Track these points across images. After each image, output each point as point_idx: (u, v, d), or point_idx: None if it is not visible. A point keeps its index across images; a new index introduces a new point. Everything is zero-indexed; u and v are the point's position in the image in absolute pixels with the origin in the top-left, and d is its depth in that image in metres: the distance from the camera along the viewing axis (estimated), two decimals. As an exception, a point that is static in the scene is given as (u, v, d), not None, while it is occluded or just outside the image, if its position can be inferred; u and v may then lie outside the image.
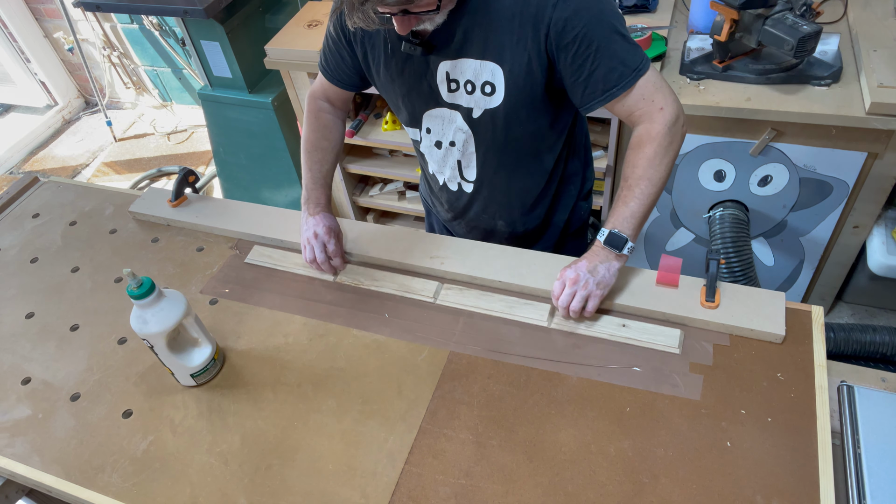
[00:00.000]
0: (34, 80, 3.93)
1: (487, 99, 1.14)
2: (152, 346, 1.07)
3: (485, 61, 1.10)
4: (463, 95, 1.16)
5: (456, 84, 1.15)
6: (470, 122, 1.19)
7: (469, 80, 1.13)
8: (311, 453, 1.01)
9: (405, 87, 1.20)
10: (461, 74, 1.13)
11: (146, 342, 1.07)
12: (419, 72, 1.17)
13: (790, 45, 1.57)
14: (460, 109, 1.19)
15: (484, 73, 1.12)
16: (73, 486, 1.02)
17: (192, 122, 3.84)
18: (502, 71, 1.10)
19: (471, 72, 1.12)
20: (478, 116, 1.18)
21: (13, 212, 1.60)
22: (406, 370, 1.10)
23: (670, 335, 1.08)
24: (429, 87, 1.18)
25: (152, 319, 1.04)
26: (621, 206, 1.11)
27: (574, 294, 1.09)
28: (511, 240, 1.43)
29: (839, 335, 1.48)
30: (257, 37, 2.41)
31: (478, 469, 0.95)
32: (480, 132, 1.20)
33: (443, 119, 1.22)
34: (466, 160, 1.27)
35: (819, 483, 0.88)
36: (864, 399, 0.96)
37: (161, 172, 3.53)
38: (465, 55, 1.11)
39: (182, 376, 1.12)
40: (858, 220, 1.89)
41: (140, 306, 1.04)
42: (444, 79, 1.15)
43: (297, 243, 1.34)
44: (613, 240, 1.10)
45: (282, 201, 2.78)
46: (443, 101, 1.19)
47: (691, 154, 1.90)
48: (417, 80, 1.18)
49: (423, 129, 1.27)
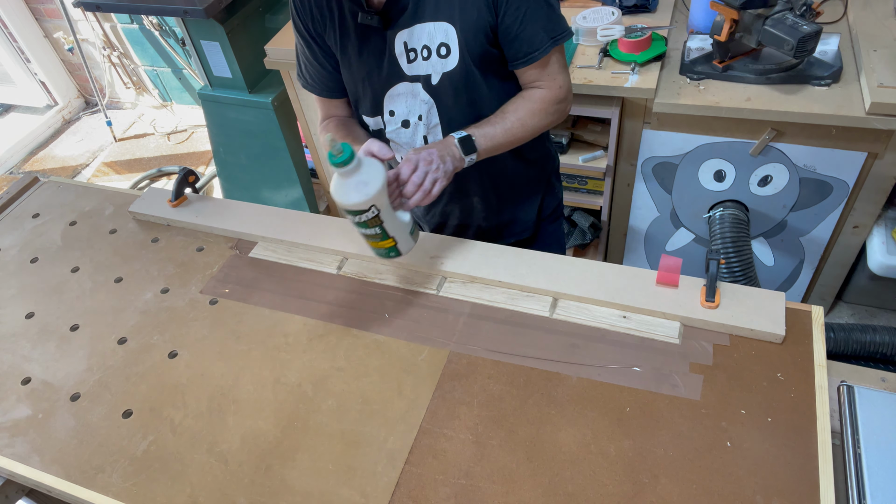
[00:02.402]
0: (34, 80, 3.93)
1: (444, 62, 1.17)
2: (378, 213, 1.03)
3: (438, 22, 1.13)
4: (421, 63, 1.18)
5: (414, 53, 1.17)
6: (430, 89, 1.21)
7: (425, 45, 1.16)
8: (311, 453, 1.01)
9: (364, 69, 1.21)
10: (418, 41, 1.16)
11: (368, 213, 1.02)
12: (378, 50, 1.18)
13: (790, 45, 1.57)
14: (420, 79, 1.20)
15: (438, 35, 1.14)
16: (73, 486, 1.02)
17: (192, 122, 3.84)
18: (455, 30, 1.14)
19: (426, 36, 1.15)
20: (437, 83, 1.20)
21: (13, 212, 1.61)
22: (406, 370, 1.10)
23: (670, 326, 1.09)
24: (389, 62, 1.19)
25: (370, 181, 1.01)
26: (488, 125, 1.18)
27: (426, 174, 1.09)
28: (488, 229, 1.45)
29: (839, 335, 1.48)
30: (257, 37, 2.41)
31: (478, 469, 0.95)
32: (442, 99, 1.22)
33: (406, 95, 1.23)
34: (432, 135, 1.28)
35: (819, 483, 0.88)
36: (864, 399, 0.96)
37: (161, 172, 3.53)
38: (418, 20, 1.14)
39: (404, 240, 1.11)
40: (858, 220, 1.89)
41: (344, 174, 1.00)
42: (402, 50, 1.17)
43: (299, 242, 1.35)
44: (467, 144, 1.15)
45: (282, 201, 2.78)
46: (404, 75, 1.20)
47: (691, 154, 1.90)
48: (377, 59, 1.19)
49: (385, 114, 1.28)
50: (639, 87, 1.79)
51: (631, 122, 1.92)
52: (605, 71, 1.87)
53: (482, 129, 1.18)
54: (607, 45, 1.92)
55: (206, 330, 1.22)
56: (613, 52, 1.89)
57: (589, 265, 1.20)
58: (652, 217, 2.15)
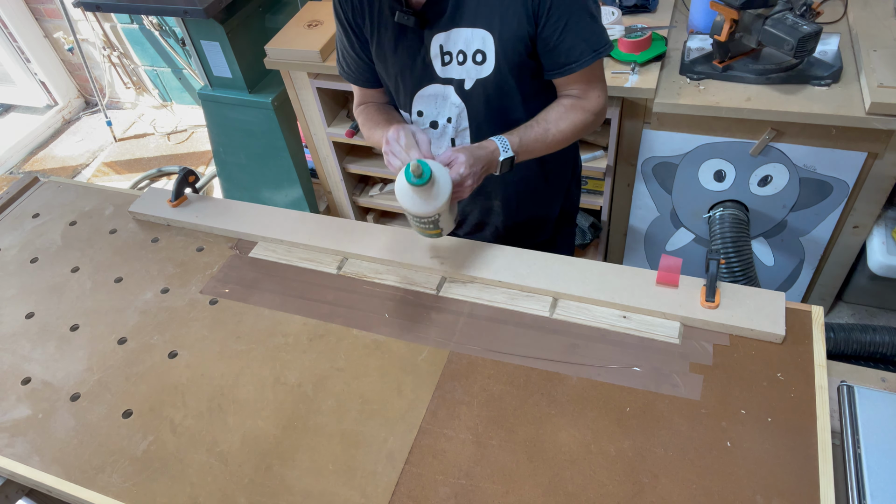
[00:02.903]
0: (34, 80, 3.93)
1: (479, 68, 1.17)
2: (439, 217, 1.10)
3: (476, 29, 1.13)
4: (455, 67, 1.18)
5: (449, 56, 1.17)
6: (462, 94, 1.21)
7: (461, 50, 1.15)
8: (311, 453, 1.01)
9: (398, 66, 1.21)
10: (454, 45, 1.15)
11: (430, 218, 1.09)
12: (413, 48, 1.18)
13: (790, 45, 1.57)
14: (453, 83, 1.20)
15: (475, 42, 1.14)
16: (73, 486, 1.02)
17: (192, 122, 3.84)
18: (493, 38, 1.13)
19: (462, 41, 1.14)
20: (469, 88, 1.19)
21: (13, 212, 1.60)
22: (406, 370, 1.10)
23: (670, 326, 1.09)
24: (423, 63, 1.19)
25: (440, 194, 1.05)
26: (531, 139, 1.18)
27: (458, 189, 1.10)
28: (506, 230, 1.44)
29: (839, 335, 1.48)
30: (257, 37, 2.41)
31: (478, 469, 0.95)
32: (472, 104, 1.22)
33: (436, 97, 1.23)
34: (460, 138, 1.28)
35: (819, 483, 0.88)
36: (864, 399, 0.96)
37: (161, 172, 3.53)
38: (457, 25, 1.13)
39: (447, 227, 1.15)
40: (858, 220, 1.89)
41: (418, 191, 1.04)
42: (437, 52, 1.17)
43: (299, 242, 1.35)
44: (508, 164, 1.15)
45: (282, 201, 2.78)
46: (437, 77, 1.20)
47: (691, 154, 1.90)
48: (411, 58, 1.19)
49: (413, 113, 1.28)
50: (639, 87, 1.79)
51: (631, 122, 1.92)
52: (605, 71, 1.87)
53: (526, 143, 1.17)
54: (607, 45, 1.92)
55: (206, 330, 1.22)
56: (613, 51, 1.89)
57: (589, 265, 1.20)
58: (652, 217, 2.15)
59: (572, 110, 1.21)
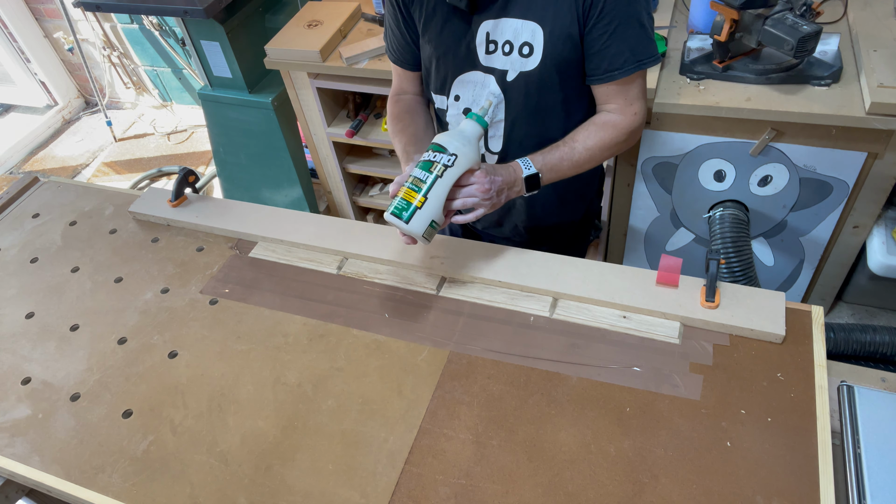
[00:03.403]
0: (34, 80, 3.93)
1: (524, 61, 1.15)
2: (451, 164, 1.05)
3: (526, 21, 1.11)
4: (500, 57, 1.16)
5: (494, 45, 1.16)
6: (503, 85, 1.19)
7: (508, 41, 1.14)
8: (311, 453, 1.01)
9: (442, 48, 1.20)
10: (501, 35, 1.14)
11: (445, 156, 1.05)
12: (459, 32, 1.17)
13: (790, 45, 1.57)
14: (495, 73, 1.19)
15: (524, 34, 1.12)
16: (73, 486, 1.02)
17: (192, 122, 3.84)
18: (542, 32, 1.11)
19: (511, 32, 1.13)
20: (512, 80, 1.18)
21: (13, 212, 1.60)
22: (406, 370, 1.10)
23: (670, 326, 1.09)
24: (467, 48, 1.18)
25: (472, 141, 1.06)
26: (557, 160, 1.15)
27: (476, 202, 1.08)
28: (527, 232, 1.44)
29: (839, 335, 1.48)
30: (257, 37, 2.41)
31: (478, 469, 0.95)
32: (512, 97, 1.20)
33: (475, 84, 1.22)
34: (493, 129, 1.27)
35: (819, 483, 0.88)
36: (864, 399, 0.96)
37: (161, 172, 3.53)
38: (507, 14, 1.12)
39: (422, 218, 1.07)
40: (858, 220, 1.89)
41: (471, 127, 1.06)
42: (483, 40, 1.16)
43: (299, 242, 1.35)
44: (532, 184, 1.13)
45: (282, 201, 2.78)
46: (479, 64, 1.19)
47: (691, 154, 1.90)
48: (456, 42, 1.18)
49: (450, 97, 1.27)
50: (639, 87, 1.79)
51: (631, 122, 1.92)
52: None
53: (550, 162, 1.15)
54: (607, 45, 1.92)
55: (206, 330, 1.22)
56: (613, 52, 1.89)
57: (589, 265, 1.20)
58: (652, 217, 2.14)
59: (603, 128, 1.18)
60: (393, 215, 1.06)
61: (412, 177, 1.06)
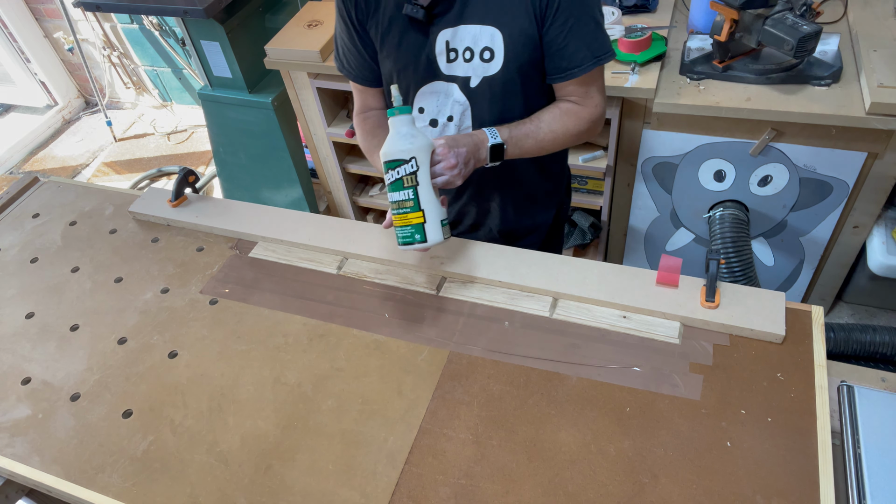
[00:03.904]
0: (34, 80, 3.93)
1: (486, 66, 1.16)
2: (417, 170, 1.04)
3: (485, 26, 1.12)
4: (461, 64, 1.17)
5: (455, 53, 1.16)
6: (467, 91, 1.20)
7: (468, 48, 1.15)
8: (311, 453, 1.01)
9: (402, 62, 1.21)
10: (460, 42, 1.15)
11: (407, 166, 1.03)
12: (417, 43, 1.17)
13: (790, 45, 1.57)
14: (457, 80, 1.19)
15: (483, 39, 1.13)
16: (73, 486, 1.02)
17: (192, 122, 3.84)
18: (502, 35, 1.12)
19: (470, 38, 1.14)
20: (476, 85, 1.19)
21: (13, 212, 1.60)
22: (406, 370, 1.10)
23: (670, 326, 1.09)
24: (427, 59, 1.18)
25: (417, 136, 1.04)
26: (522, 134, 1.16)
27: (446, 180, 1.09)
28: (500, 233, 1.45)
29: (839, 335, 1.48)
30: (257, 37, 2.41)
31: (478, 469, 0.95)
32: (478, 102, 1.21)
33: (438, 94, 1.22)
34: None
35: (819, 483, 0.88)
36: (864, 399, 0.96)
37: (161, 172, 3.53)
38: (464, 21, 1.13)
39: (433, 223, 1.08)
40: (858, 220, 1.89)
41: (397, 123, 1.04)
42: (443, 49, 1.16)
43: (299, 242, 1.35)
44: (497, 152, 1.13)
45: (282, 201, 2.78)
46: (441, 74, 1.20)
47: (691, 154, 1.90)
48: (415, 54, 1.18)
49: (414, 110, 1.27)
50: (639, 87, 1.79)
51: (631, 122, 1.92)
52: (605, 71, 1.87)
53: (516, 136, 1.16)
54: (607, 45, 1.92)
55: (206, 330, 1.22)
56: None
57: (589, 265, 1.20)
58: (652, 217, 2.15)
59: (567, 115, 1.20)
60: (407, 244, 1.09)
61: (394, 203, 1.08)
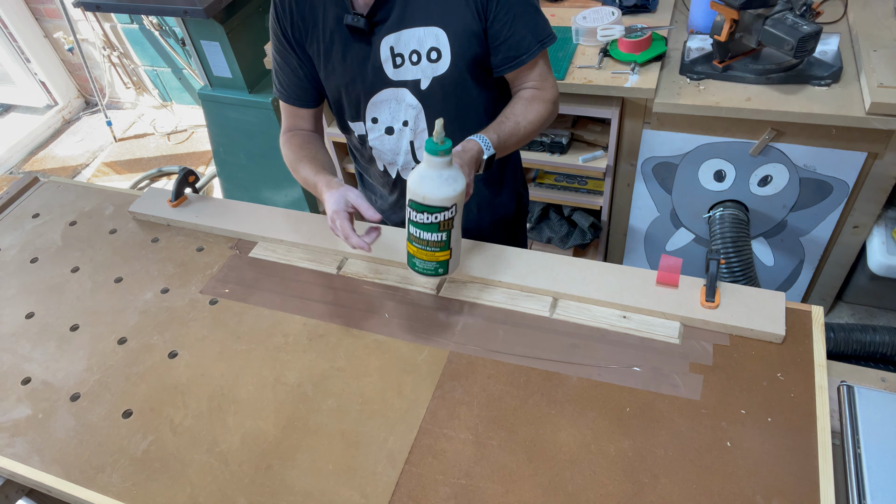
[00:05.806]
0: (34, 80, 3.93)
1: (435, 66, 1.17)
2: (454, 216, 0.99)
3: (429, 27, 1.13)
4: (409, 68, 1.17)
5: (401, 58, 1.16)
6: (419, 94, 1.20)
7: (414, 50, 1.15)
8: (311, 453, 1.01)
9: (348, 75, 1.20)
10: (405, 46, 1.15)
11: (447, 213, 0.97)
12: (362, 54, 1.17)
13: (790, 45, 1.57)
14: (407, 84, 1.20)
15: (428, 40, 1.14)
16: (73, 486, 1.02)
17: (192, 122, 3.84)
18: (446, 34, 1.13)
19: (415, 41, 1.14)
20: (426, 87, 1.19)
21: (13, 212, 1.61)
22: (406, 370, 1.10)
23: (670, 326, 1.09)
24: (373, 68, 1.18)
25: (458, 178, 0.97)
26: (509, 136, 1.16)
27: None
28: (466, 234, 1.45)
29: (839, 335, 1.48)
30: (257, 37, 2.41)
31: (478, 469, 0.95)
32: (431, 104, 1.21)
33: (390, 101, 1.22)
34: (419, 140, 1.27)
35: (819, 483, 0.88)
36: (864, 399, 0.96)
37: (161, 172, 3.53)
38: (406, 25, 1.13)
39: (456, 255, 1.07)
40: (858, 220, 1.89)
41: (437, 165, 0.95)
42: (388, 56, 1.16)
43: (299, 242, 1.35)
44: (489, 164, 1.13)
45: (282, 201, 2.78)
46: (389, 81, 1.19)
47: (691, 154, 1.90)
48: (361, 64, 1.18)
49: (367, 121, 1.27)
50: (639, 87, 1.79)
51: (631, 122, 1.92)
52: (605, 71, 1.87)
53: (501, 138, 1.14)
54: (607, 45, 1.92)
55: (206, 330, 1.22)
56: (613, 52, 1.89)
57: (589, 265, 1.20)
58: (652, 217, 2.15)
59: (534, 102, 1.21)
60: (427, 276, 1.10)
61: (422, 240, 1.04)
